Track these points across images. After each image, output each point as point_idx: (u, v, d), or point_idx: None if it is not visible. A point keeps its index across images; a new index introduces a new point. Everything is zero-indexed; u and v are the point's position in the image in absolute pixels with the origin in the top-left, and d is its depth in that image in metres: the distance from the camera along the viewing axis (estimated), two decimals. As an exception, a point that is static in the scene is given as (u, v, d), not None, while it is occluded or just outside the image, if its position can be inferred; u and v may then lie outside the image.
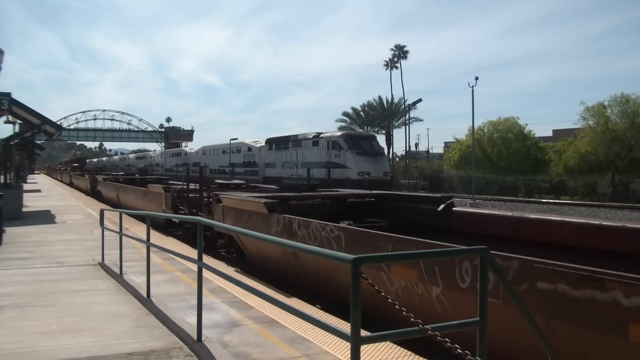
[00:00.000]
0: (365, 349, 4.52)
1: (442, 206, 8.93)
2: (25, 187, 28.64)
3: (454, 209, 8.83)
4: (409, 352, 4.95)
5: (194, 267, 5.72)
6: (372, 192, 11.72)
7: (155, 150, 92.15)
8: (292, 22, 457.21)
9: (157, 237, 12.79)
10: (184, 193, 15.08)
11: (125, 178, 28.44)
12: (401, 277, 5.68)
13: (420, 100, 51.62)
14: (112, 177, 29.49)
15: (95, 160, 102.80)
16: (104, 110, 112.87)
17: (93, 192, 30.83)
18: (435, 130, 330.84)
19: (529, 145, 47.76)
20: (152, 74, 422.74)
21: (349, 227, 6.46)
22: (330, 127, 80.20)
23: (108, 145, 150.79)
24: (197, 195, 14.34)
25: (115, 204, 23.31)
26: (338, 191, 12.47)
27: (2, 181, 20.26)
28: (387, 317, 4.18)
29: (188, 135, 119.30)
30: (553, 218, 7.28)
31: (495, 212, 8.22)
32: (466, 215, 8.58)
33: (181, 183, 21.36)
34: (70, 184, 46.25)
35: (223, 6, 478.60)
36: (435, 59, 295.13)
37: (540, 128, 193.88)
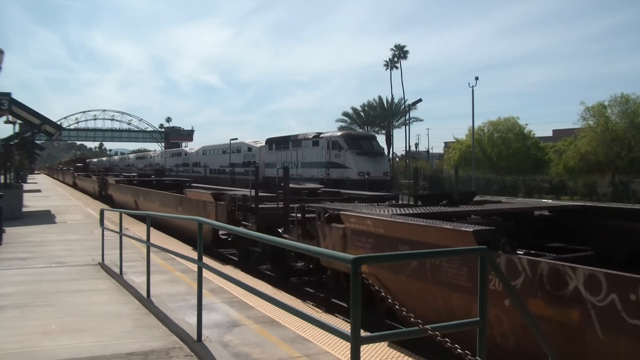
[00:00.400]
0: (365, 349, 4.52)
1: None
2: (25, 187, 28.61)
3: None
4: (409, 352, 4.95)
5: (194, 267, 5.72)
6: (555, 203, 7.97)
7: (155, 150, 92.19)
8: (292, 22, 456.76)
9: (157, 237, 12.78)
10: (250, 203, 10.95)
11: (139, 180, 24.83)
12: None
13: (420, 100, 51.59)
14: (126, 179, 25.64)
15: (95, 160, 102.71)
16: (104, 110, 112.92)
17: (102, 196, 27.86)
18: (435, 130, 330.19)
19: (529, 145, 47.88)
20: (152, 74, 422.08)
21: None
22: (330, 127, 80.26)
23: (108, 145, 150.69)
24: (278, 206, 10.18)
25: (132, 212, 20.43)
26: (500, 201, 8.85)
27: (2, 181, 20.25)
28: None
29: (188, 135, 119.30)
30: None
31: None
32: None
33: (200, 185, 20.06)
34: (74, 186, 43.37)
35: (223, 6, 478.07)
36: (435, 59, 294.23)
37: (540, 128, 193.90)
